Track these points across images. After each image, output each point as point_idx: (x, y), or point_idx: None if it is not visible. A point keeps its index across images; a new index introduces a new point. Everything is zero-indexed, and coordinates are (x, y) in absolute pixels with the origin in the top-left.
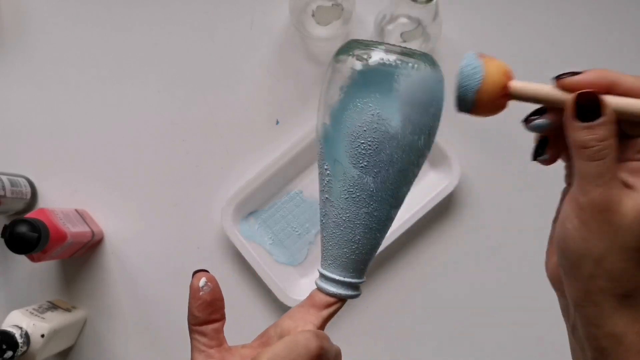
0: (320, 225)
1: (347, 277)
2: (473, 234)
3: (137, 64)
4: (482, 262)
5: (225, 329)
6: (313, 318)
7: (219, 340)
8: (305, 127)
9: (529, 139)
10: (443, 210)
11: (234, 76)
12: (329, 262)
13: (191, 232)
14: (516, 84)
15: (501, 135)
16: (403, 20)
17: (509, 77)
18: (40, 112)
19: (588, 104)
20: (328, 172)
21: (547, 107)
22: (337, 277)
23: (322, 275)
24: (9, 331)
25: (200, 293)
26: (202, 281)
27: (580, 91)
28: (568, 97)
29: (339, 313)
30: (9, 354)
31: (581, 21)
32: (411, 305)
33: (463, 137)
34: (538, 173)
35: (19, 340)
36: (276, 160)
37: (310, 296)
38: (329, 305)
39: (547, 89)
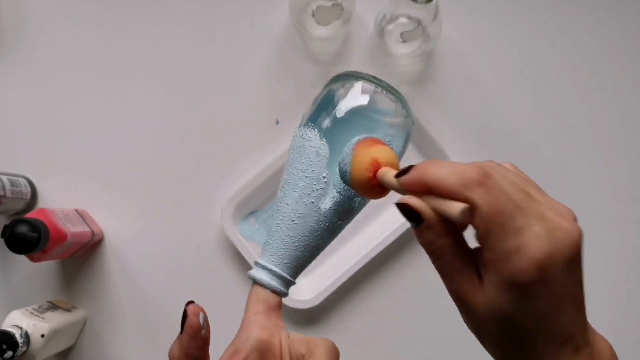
0: (289, 224)
1: (294, 278)
2: (473, 233)
3: (137, 64)
4: None
5: (225, 330)
6: (279, 321)
7: None
8: None
9: (529, 139)
10: None
11: (234, 76)
12: (286, 261)
13: (191, 232)
14: (379, 174)
15: (501, 135)
16: (403, 20)
17: (375, 167)
18: (40, 112)
19: (408, 212)
20: (325, 180)
21: None
22: (290, 279)
23: (277, 276)
24: (9, 331)
25: (203, 332)
26: (202, 318)
27: (397, 202)
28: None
29: (338, 313)
30: (9, 354)
31: (581, 21)
32: (411, 305)
33: (463, 137)
34: (537, 174)
35: (19, 340)
36: (276, 160)
37: (263, 300)
38: (280, 304)
39: (396, 183)
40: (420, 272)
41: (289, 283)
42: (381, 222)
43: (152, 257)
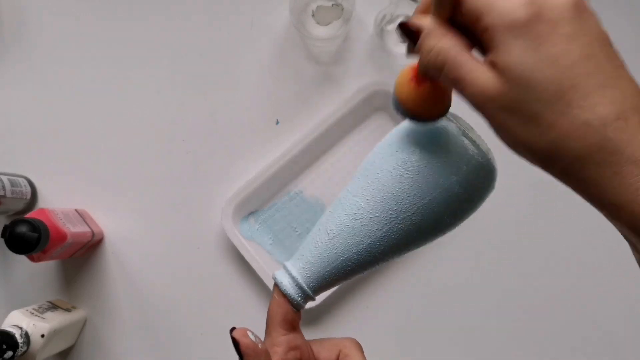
0: (345, 237)
1: (316, 296)
2: (473, 233)
3: (137, 64)
4: (482, 262)
5: (225, 329)
6: (302, 336)
7: None
8: (305, 127)
9: None
10: None
11: (234, 76)
12: (320, 281)
13: (191, 232)
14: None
15: None
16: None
17: (414, 69)
18: (41, 112)
19: (407, 32)
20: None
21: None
22: (313, 297)
23: (304, 295)
24: (9, 331)
25: (260, 345)
26: (251, 335)
27: (397, 25)
28: None
29: (338, 313)
30: (9, 354)
31: None
32: (411, 305)
33: None
34: (539, 171)
35: (19, 340)
36: (276, 160)
37: (291, 320)
38: (300, 317)
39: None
40: (421, 272)
41: (309, 299)
42: None
43: (152, 257)
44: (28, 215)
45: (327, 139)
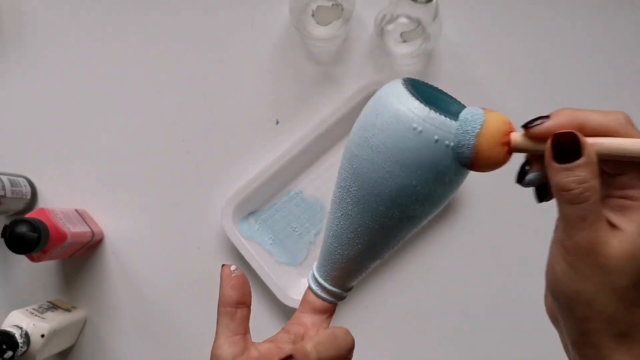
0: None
1: (344, 289)
2: (473, 234)
3: (136, 63)
4: (482, 262)
5: None
6: (322, 321)
7: (245, 328)
8: (305, 127)
9: None
10: (443, 210)
11: (234, 76)
12: (335, 275)
13: (191, 232)
14: (516, 136)
15: None
16: (403, 20)
17: (510, 127)
18: (41, 112)
19: (567, 145)
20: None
21: (530, 157)
22: (339, 291)
23: (323, 287)
24: (9, 331)
25: (233, 274)
26: (233, 267)
27: (558, 132)
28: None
29: (337, 313)
30: (9, 354)
31: (581, 20)
32: (411, 304)
33: None
34: None
35: (19, 340)
36: (276, 160)
37: (310, 301)
38: (326, 306)
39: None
40: (420, 271)
41: (337, 295)
42: None
43: (152, 257)
44: (28, 215)
45: (327, 139)
